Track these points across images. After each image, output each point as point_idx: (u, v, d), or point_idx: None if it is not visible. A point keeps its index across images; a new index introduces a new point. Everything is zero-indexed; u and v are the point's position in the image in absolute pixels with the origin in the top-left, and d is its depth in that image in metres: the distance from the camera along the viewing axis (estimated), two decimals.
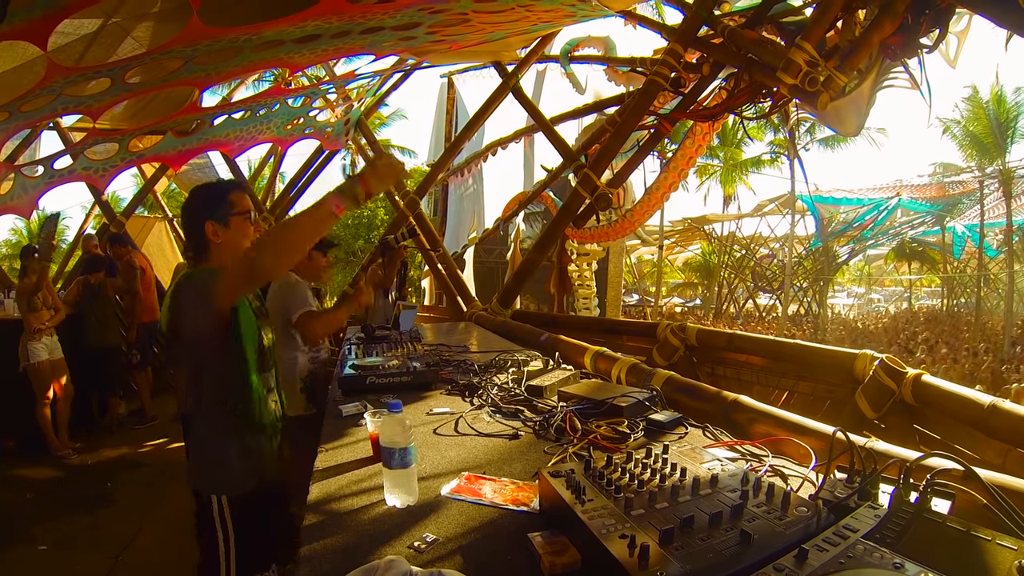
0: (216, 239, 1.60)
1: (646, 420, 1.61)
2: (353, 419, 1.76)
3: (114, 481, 4.13)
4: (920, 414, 2.26)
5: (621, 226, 5.69)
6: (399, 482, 1.16)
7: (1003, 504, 0.92)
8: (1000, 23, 2.73)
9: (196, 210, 1.62)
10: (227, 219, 1.61)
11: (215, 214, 1.60)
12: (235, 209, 1.63)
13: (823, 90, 3.27)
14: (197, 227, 1.60)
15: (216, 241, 1.60)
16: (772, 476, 1.26)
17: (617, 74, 6.76)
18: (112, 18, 3.40)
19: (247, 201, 1.68)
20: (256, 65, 5.09)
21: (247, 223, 1.65)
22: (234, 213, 1.62)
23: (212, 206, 1.61)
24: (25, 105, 3.70)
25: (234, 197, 1.64)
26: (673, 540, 0.82)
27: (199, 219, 1.60)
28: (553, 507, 1.04)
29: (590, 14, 5.16)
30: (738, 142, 19.11)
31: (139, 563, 3.02)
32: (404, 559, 0.89)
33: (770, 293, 22.77)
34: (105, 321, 5.20)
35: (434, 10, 3.90)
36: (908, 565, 0.71)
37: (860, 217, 16.68)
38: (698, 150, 5.33)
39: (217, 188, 1.68)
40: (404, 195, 6.82)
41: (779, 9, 4.22)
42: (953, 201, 16.85)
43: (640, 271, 25.84)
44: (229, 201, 1.62)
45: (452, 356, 2.76)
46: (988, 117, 14.33)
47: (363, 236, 18.40)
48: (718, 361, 3.53)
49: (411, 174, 1.88)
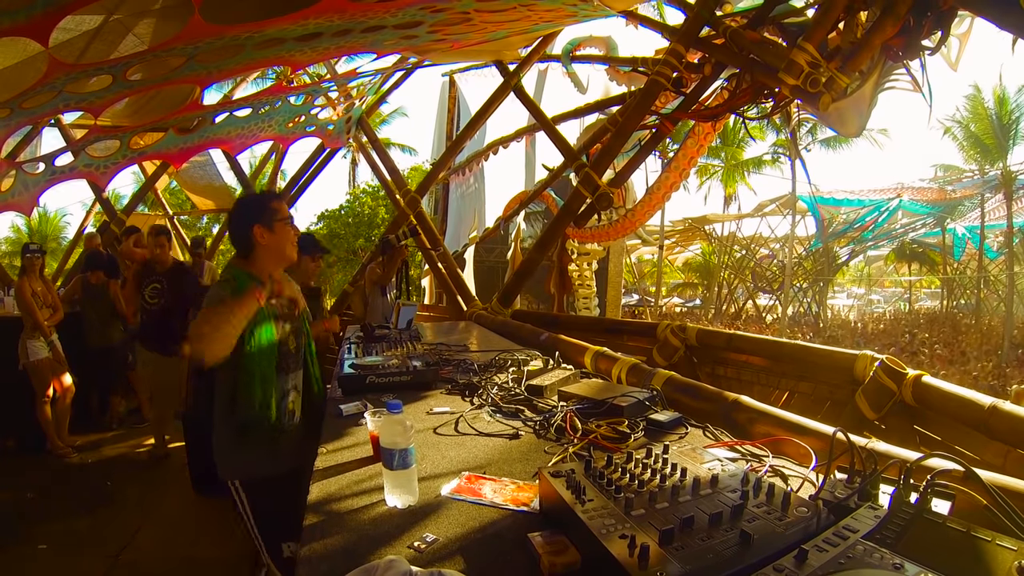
0: (262, 240, 1.82)
1: (646, 420, 1.61)
2: (353, 419, 1.76)
3: (114, 480, 4.13)
4: (920, 415, 2.26)
5: (622, 226, 5.67)
6: (399, 483, 1.16)
7: (1003, 505, 0.92)
8: (1002, 25, 2.73)
9: (244, 216, 1.85)
10: (271, 223, 1.83)
11: (261, 219, 1.82)
12: (279, 215, 1.85)
13: (825, 91, 3.26)
14: (245, 230, 1.82)
15: (262, 243, 1.83)
16: (772, 476, 1.26)
17: (619, 74, 6.76)
18: (114, 15, 3.40)
19: (286, 208, 1.92)
20: (258, 63, 5.10)
21: (288, 227, 1.88)
22: (277, 219, 1.85)
23: (258, 212, 1.84)
24: (26, 102, 3.70)
25: (276, 204, 1.88)
26: (673, 540, 0.82)
27: (247, 223, 1.82)
28: (553, 507, 1.05)
29: (592, 14, 5.16)
30: (739, 142, 19.09)
31: (139, 563, 3.02)
32: (404, 559, 0.89)
33: (770, 293, 22.76)
34: (106, 321, 5.20)
35: (436, 9, 3.90)
36: (908, 566, 0.71)
37: (861, 218, 16.68)
38: (699, 150, 5.31)
39: (261, 197, 1.99)
40: (405, 194, 6.82)
41: (781, 10, 4.21)
42: (954, 203, 16.85)
43: (640, 271, 25.82)
44: (272, 208, 1.86)
45: (452, 355, 2.75)
46: (990, 118, 14.32)
47: (363, 235, 18.40)
48: (718, 361, 3.53)
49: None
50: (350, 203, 20.02)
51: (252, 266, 1.85)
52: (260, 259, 1.85)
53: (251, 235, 1.82)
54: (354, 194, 20.76)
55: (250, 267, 1.85)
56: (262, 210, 1.85)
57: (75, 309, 5.18)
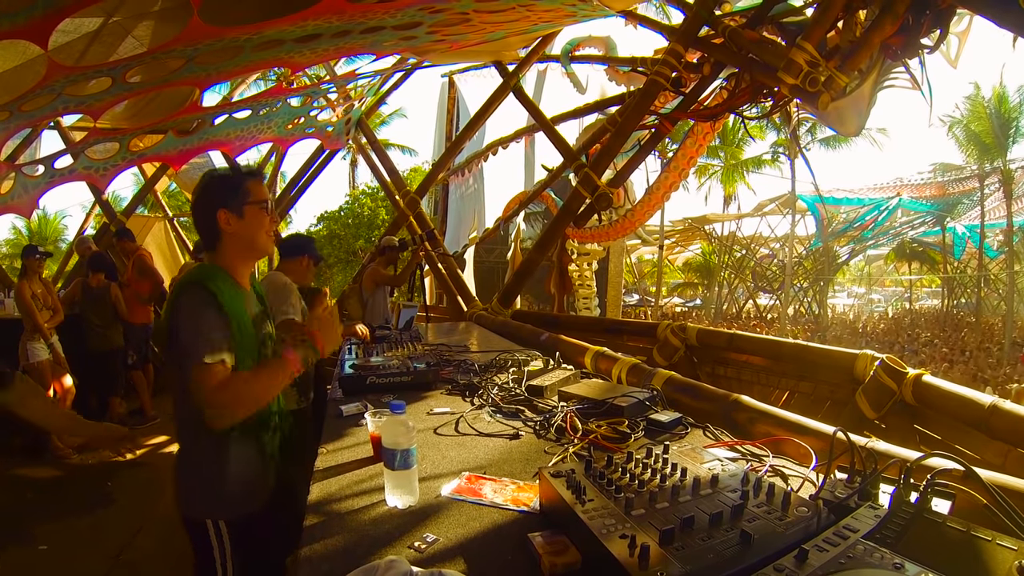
0: (228, 228, 1.47)
1: (647, 420, 1.61)
2: (353, 419, 1.76)
3: (114, 481, 4.13)
4: (920, 414, 2.26)
5: (622, 226, 5.68)
6: (400, 483, 1.16)
7: (1003, 504, 0.92)
8: (1000, 24, 2.73)
9: (209, 197, 1.49)
10: (241, 208, 1.48)
11: (229, 202, 1.47)
12: (250, 198, 1.50)
13: (824, 90, 3.27)
14: (209, 215, 1.47)
15: (228, 231, 1.48)
16: (772, 476, 1.26)
17: (618, 74, 6.76)
18: (113, 17, 3.40)
19: (264, 190, 1.56)
20: (257, 65, 5.10)
21: (263, 213, 1.52)
22: (249, 202, 1.49)
23: (226, 194, 1.48)
24: (26, 104, 3.70)
25: (250, 186, 1.51)
26: (673, 540, 0.82)
27: (212, 207, 1.47)
28: (553, 507, 1.05)
29: (591, 14, 5.16)
30: (738, 142, 19.10)
31: (139, 563, 3.02)
32: (405, 559, 0.89)
33: (770, 293, 22.76)
34: (107, 324, 5.20)
35: (435, 10, 3.90)
36: (908, 565, 0.71)
37: (861, 217, 16.70)
38: (699, 150, 5.32)
39: (233, 176, 1.53)
40: (404, 195, 6.82)
41: (780, 9, 4.22)
42: (953, 201, 16.86)
43: (640, 271, 25.83)
44: (245, 189, 1.49)
45: (452, 356, 2.75)
46: (990, 116, 14.33)
47: (363, 236, 18.40)
48: (718, 361, 3.53)
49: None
50: (350, 204, 20.04)
51: (220, 260, 1.51)
52: (227, 252, 1.50)
53: (215, 222, 1.46)
54: (354, 195, 20.78)
55: (218, 261, 1.51)
56: (231, 191, 1.49)
57: (75, 311, 5.18)
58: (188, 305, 1.38)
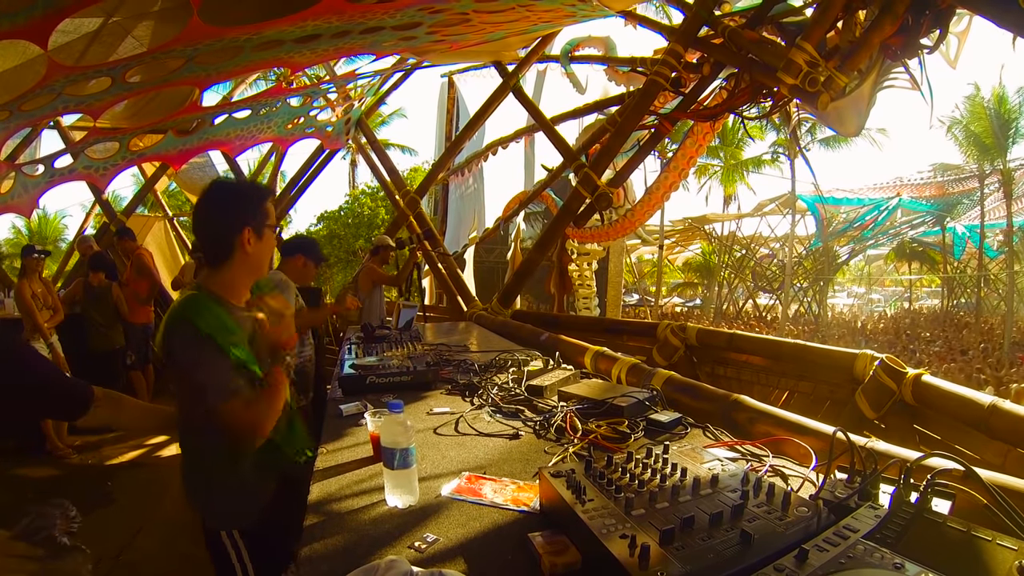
0: (248, 247, 1.40)
1: (646, 420, 1.61)
2: (353, 419, 1.76)
3: (114, 481, 4.13)
4: (920, 414, 2.26)
5: (622, 226, 5.68)
6: (400, 482, 1.16)
7: (1003, 504, 0.92)
8: (1000, 24, 2.73)
9: (234, 212, 1.40)
10: (262, 229, 1.42)
11: (252, 221, 1.40)
12: (269, 220, 1.45)
13: (823, 90, 3.27)
14: (230, 230, 1.39)
15: (247, 250, 1.40)
16: (772, 476, 1.26)
17: (618, 74, 6.76)
18: (112, 17, 3.40)
19: (274, 212, 1.53)
20: (257, 65, 5.10)
21: (273, 236, 1.49)
22: (268, 224, 1.45)
23: (251, 211, 1.42)
24: (26, 104, 3.70)
25: (269, 207, 1.47)
26: (673, 540, 0.82)
27: (236, 222, 1.39)
28: (553, 507, 1.05)
29: (590, 14, 5.16)
30: (738, 142, 19.10)
31: (139, 563, 3.02)
32: (405, 559, 0.90)
33: (770, 293, 22.77)
34: (110, 323, 5.20)
35: (434, 10, 3.90)
36: (908, 565, 0.71)
37: (861, 217, 16.70)
38: (698, 150, 5.32)
39: (254, 193, 1.47)
40: (404, 194, 6.82)
41: (779, 9, 4.22)
42: (953, 201, 16.86)
43: (640, 271, 25.83)
44: (266, 209, 1.45)
45: (452, 356, 2.75)
46: (989, 117, 14.32)
47: (363, 235, 18.41)
48: (718, 361, 3.53)
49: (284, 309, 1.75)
50: (350, 204, 20.06)
51: (221, 281, 1.41)
52: (235, 271, 1.42)
53: (238, 238, 1.38)
54: (354, 195, 20.79)
55: (218, 284, 1.41)
56: (256, 208, 1.42)
57: (75, 311, 5.18)
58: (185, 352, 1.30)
